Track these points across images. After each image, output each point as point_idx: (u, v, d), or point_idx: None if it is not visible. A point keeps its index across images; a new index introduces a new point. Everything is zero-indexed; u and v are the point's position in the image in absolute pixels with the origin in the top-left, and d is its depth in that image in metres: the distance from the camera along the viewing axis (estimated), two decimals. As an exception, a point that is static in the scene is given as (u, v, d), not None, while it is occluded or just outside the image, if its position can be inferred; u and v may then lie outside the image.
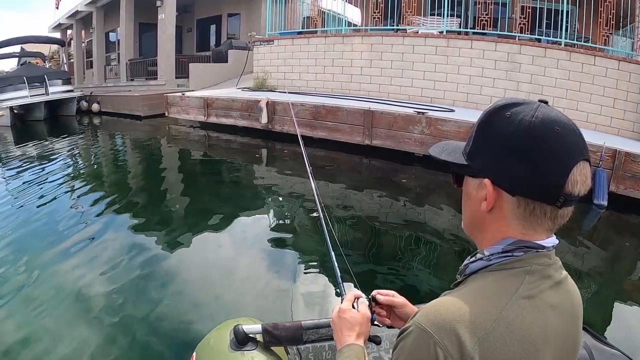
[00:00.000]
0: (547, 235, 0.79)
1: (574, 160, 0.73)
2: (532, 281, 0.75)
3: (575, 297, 0.84)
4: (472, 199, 0.83)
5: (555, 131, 0.73)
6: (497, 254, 0.79)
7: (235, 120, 9.55)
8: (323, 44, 10.20)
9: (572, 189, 0.73)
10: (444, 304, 0.74)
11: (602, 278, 4.15)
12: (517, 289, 0.73)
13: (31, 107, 15.63)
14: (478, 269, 0.81)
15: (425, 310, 0.74)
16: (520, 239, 0.78)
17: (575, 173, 0.73)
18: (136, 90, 16.56)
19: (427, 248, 4.52)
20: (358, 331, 1.06)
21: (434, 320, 0.71)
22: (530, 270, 0.76)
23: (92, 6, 19.98)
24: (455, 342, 0.68)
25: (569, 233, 4.94)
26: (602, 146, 5.68)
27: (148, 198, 6.54)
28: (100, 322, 3.05)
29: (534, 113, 0.74)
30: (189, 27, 22.05)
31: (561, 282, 0.80)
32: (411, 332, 0.73)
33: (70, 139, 11.97)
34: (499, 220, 0.79)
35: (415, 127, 6.93)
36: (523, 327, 0.71)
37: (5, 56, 19.76)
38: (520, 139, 0.74)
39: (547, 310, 0.75)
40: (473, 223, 0.86)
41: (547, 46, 7.81)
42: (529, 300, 0.73)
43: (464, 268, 0.84)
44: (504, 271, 0.77)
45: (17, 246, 4.37)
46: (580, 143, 0.75)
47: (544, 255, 0.78)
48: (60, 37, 24.10)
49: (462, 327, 0.69)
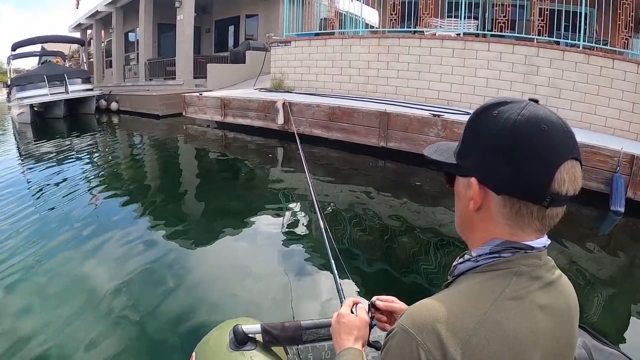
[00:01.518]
0: (536, 235, 0.78)
1: (561, 158, 0.72)
2: (519, 282, 0.74)
3: (570, 298, 0.83)
4: (461, 198, 0.84)
5: (541, 129, 0.72)
6: (484, 255, 0.79)
7: (252, 121, 9.63)
8: (340, 45, 10.23)
9: (559, 188, 0.72)
10: (428, 305, 0.73)
11: (618, 285, 4.08)
12: (503, 290, 0.73)
13: (51, 105, 15.90)
14: (466, 270, 0.81)
15: (409, 311, 0.75)
16: (507, 239, 0.77)
17: (563, 172, 0.72)
18: (154, 89, 16.76)
19: (437, 252, 4.46)
20: (356, 335, 1.07)
21: (417, 322, 0.71)
22: (518, 272, 0.75)
23: (111, 6, 20.28)
24: (438, 344, 0.68)
25: (584, 240, 4.87)
26: (619, 151, 5.60)
27: (160, 197, 6.61)
28: (100, 321, 3.06)
29: (520, 112, 0.74)
30: (207, 28, 22.22)
31: (553, 283, 0.79)
32: (395, 333, 0.73)
33: (89, 137, 12.17)
34: (487, 220, 0.79)
35: (431, 129, 6.94)
36: (508, 328, 0.70)
37: (26, 55, 20.13)
38: (505, 138, 0.73)
39: (536, 311, 0.74)
40: (463, 223, 0.86)
41: (565, 49, 7.73)
42: (516, 301, 0.73)
43: (453, 269, 0.84)
44: (491, 272, 0.77)
45: (32, 241, 4.44)
46: (569, 142, 0.74)
47: (533, 256, 0.77)
48: (80, 37, 24.49)
49: (445, 329, 0.68)
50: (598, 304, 3.61)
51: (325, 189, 6.33)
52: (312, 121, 8.41)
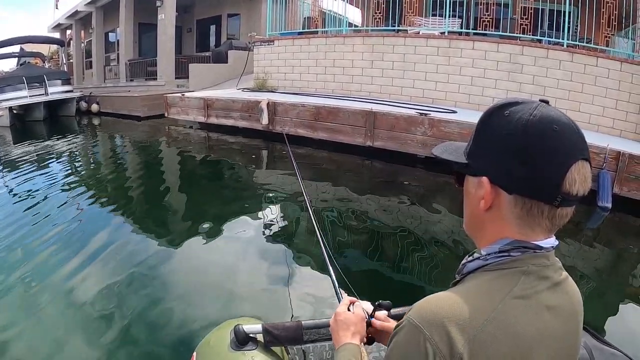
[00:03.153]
0: (545, 235, 0.78)
1: (572, 159, 0.73)
2: (528, 282, 0.75)
3: (575, 299, 0.84)
4: (471, 198, 0.84)
5: (553, 130, 0.72)
6: (493, 253, 0.79)
7: (236, 121, 9.50)
8: (324, 44, 10.16)
9: (569, 189, 0.73)
10: (437, 300, 0.74)
11: (605, 280, 4.15)
12: (512, 289, 0.73)
13: (30, 108, 15.65)
14: (475, 269, 0.81)
15: (418, 305, 0.75)
16: (517, 239, 0.78)
17: (574, 172, 0.72)
18: (136, 90, 16.53)
19: (429, 251, 4.49)
20: (353, 330, 1.10)
21: (425, 316, 0.71)
22: (527, 271, 0.76)
23: (91, 6, 19.96)
24: (445, 339, 0.68)
25: (572, 235, 4.94)
26: (605, 148, 5.64)
27: (147, 199, 6.52)
28: (100, 323, 3.05)
29: (532, 112, 0.74)
30: (188, 28, 22.03)
31: (560, 284, 0.80)
32: (403, 327, 0.74)
33: (70, 140, 11.96)
34: (497, 220, 0.79)
35: (418, 128, 6.90)
36: (516, 326, 0.71)
37: (4, 56, 19.79)
38: (518, 137, 0.74)
39: (543, 311, 0.74)
40: (472, 222, 0.86)
41: (549, 47, 7.78)
42: (524, 300, 0.73)
43: (462, 267, 0.84)
44: (500, 271, 0.77)
45: (13, 247, 4.37)
46: (579, 143, 0.74)
47: (542, 256, 0.78)
48: (59, 37, 24.11)
49: (453, 324, 0.69)
50: (586, 299, 3.62)
51: (312, 189, 6.28)
52: (297, 121, 8.32)
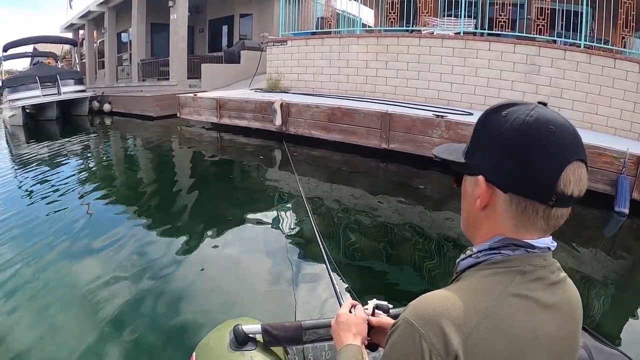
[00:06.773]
0: (539, 235, 0.79)
1: (567, 159, 0.73)
2: (523, 281, 0.75)
3: (573, 300, 0.84)
4: (468, 197, 0.85)
5: (549, 130, 0.73)
6: (484, 250, 0.80)
7: (249, 122, 9.51)
8: (337, 44, 10.12)
9: (564, 189, 0.73)
10: (431, 298, 0.75)
11: (622, 286, 4.09)
12: (507, 287, 0.74)
13: (43, 107, 15.77)
14: (468, 266, 0.82)
15: (413, 304, 0.76)
16: (509, 236, 0.79)
17: (569, 172, 0.73)
18: (148, 90, 16.56)
19: (441, 255, 4.44)
20: (354, 331, 1.11)
21: (420, 314, 0.72)
22: (523, 270, 0.76)
23: (104, 6, 20.08)
24: (440, 336, 0.69)
25: (589, 241, 4.88)
26: (625, 152, 5.55)
27: (155, 199, 6.53)
28: (100, 322, 3.07)
29: (529, 112, 0.75)
30: (200, 28, 22.05)
31: (557, 284, 0.80)
32: (399, 325, 0.75)
33: (82, 139, 12.06)
34: (492, 219, 0.80)
35: (434, 130, 6.84)
36: (511, 324, 0.71)
37: (18, 56, 20.01)
38: (514, 137, 0.75)
39: (539, 310, 0.75)
40: (469, 221, 0.87)
41: (566, 48, 7.68)
42: (519, 298, 0.74)
43: (456, 266, 0.86)
44: (495, 269, 0.78)
45: (24, 246, 4.42)
46: (575, 144, 0.75)
47: (538, 256, 0.78)
48: (72, 37, 24.29)
49: (448, 322, 0.70)
50: (601, 305, 3.67)
51: (326, 191, 6.24)
52: (311, 122, 8.30)
